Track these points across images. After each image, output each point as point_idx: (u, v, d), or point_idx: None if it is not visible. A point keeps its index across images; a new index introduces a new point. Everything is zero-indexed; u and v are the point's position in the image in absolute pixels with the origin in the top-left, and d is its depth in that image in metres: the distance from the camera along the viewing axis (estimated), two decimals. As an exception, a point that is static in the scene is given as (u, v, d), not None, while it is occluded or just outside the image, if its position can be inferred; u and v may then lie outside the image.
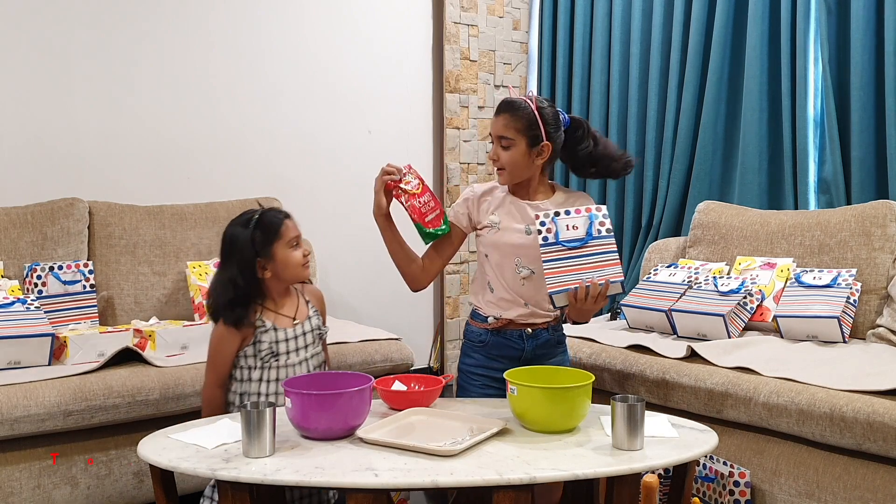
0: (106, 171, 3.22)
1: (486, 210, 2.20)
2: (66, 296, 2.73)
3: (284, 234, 2.06)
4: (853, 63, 3.12)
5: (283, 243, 2.05)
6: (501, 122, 2.13)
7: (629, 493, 1.70)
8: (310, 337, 2.13)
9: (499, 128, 2.14)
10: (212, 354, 2.08)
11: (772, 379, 2.29)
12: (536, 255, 2.05)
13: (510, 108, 2.13)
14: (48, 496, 2.28)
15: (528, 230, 2.15)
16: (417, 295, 4.06)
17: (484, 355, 2.20)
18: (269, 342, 2.05)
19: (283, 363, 2.07)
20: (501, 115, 2.14)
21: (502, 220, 2.17)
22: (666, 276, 2.98)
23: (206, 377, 2.10)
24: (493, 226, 2.18)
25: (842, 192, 3.19)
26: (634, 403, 1.68)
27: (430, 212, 2.16)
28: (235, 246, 2.05)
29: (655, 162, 3.86)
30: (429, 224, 2.16)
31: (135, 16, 3.26)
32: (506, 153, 2.13)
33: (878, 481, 2.06)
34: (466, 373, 2.23)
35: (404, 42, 3.99)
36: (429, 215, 2.16)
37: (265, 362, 2.06)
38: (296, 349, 2.09)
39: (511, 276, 2.15)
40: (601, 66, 4.06)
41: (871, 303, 2.68)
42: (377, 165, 1.90)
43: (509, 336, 2.18)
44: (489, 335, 2.20)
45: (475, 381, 2.20)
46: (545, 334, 2.20)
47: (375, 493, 1.55)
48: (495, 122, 2.16)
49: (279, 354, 2.06)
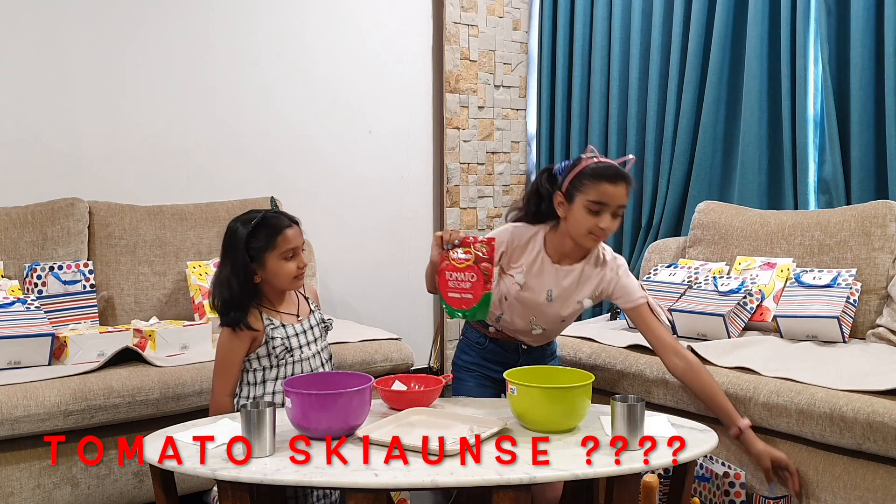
0: (106, 171, 3.22)
1: (519, 262, 2.15)
2: (66, 296, 2.73)
3: (280, 244, 2.00)
4: (853, 63, 3.12)
5: (276, 254, 2.00)
6: (623, 192, 2.02)
7: (629, 493, 1.70)
8: (318, 330, 2.14)
9: (621, 196, 2.02)
10: (220, 362, 2.04)
11: (771, 379, 2.29)
12: (553, 316, 2.14)
13: (628, 176, 2.03)
14: (48, 496, 2.28)
15: (550, 297, 2.14)
16: (417, 295, 4.07)
17: (479, 355, 2.27)
18: (282, 338, 2.03)
19: (298, 357, 2.06)
20: (622, 183, 2.01)
21: (528, 281, 2.14)
22: (666, 276, 2.99)
23: (214, 387, 2.05)
24: (516, 282, 2.15)
25: (842, 192, 3.19)
26: (634, 403, 1.68)
27: (458, 290, 1.97)
28: (232, 246, 2.02)
29: (655, 162, 3.86)
30: (450, 300, 1.98)
31: (135, 16, 3.26)
32: (617, 221, 2.06)
33: (878, 481, 2.06)
34: (461, 367, 2.29)
35: (404, 42, 3.99)
36: (453, 292, 1.97)
37: (280, 359, 2.04)
38: (307, 343, 2.09)
39: (522, 326, 2.21)
40: (601, 66, 4.06)
41: (871, 303, 2.68)
42: (377, 165, 1.91)
43: (506, 346, 2.25)
44: (487, 340, 2.25)
45: (471, 374, 2.27)
46: (539, 350, 2.28)
47: (375, 493, 1.55)
48: (615, 191, 2.01)
49: (293, 349, 2.06)
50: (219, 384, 2.04)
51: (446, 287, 1.97)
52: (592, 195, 2.02)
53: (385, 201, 3.96)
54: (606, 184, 2.01)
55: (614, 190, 2.02)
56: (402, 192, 4.02)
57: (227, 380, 2.03)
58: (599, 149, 4.05)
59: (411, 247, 4.01)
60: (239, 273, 1.99)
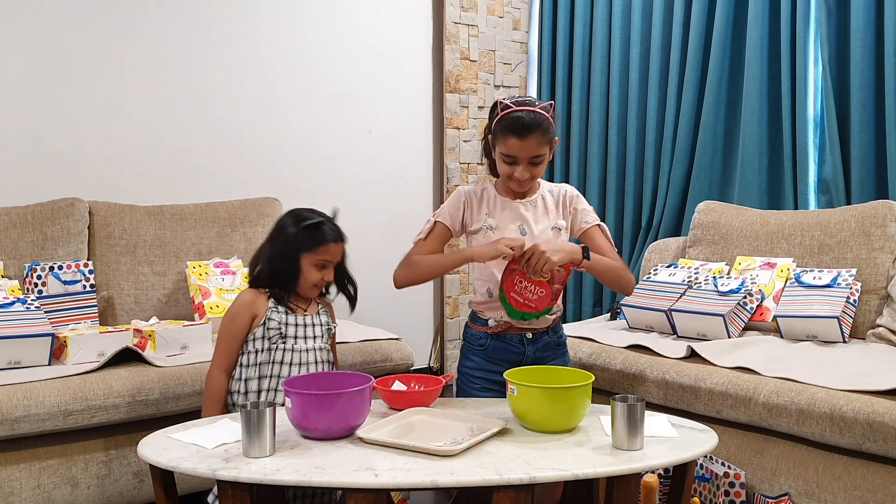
0: (106, 171, 3.22)
1: (481, 212, 2.19)
2: (66, 296, 2.73)
3: (320, 252, 2.09)
4: (853, 63, 3.12)
5: (311, 258, 2.10)
6: (535, 143, 2.04)
7: (629, 493, 1.70)
8: (318, 330, 2.16)
9: (532, 148, 2.04)
10: (222, 332, 2.12)
11: (771, 379, 2.29)
12: None
13: (538, 126, 2.03)
14: (48, 496, 2.28)
15: (523, 230, 2.15)
16: (417, 295, 4.07)
17: (484, 358, 2.19)
18: (279, 322, 2.09)
19: (289, 346, 2.09)
20: (532, 135, 2.03)
21: (499, 222, 2.16)
22: (666, 276, 2.99)
23: (213, 358, 2.13)
24: (488, 228, 2.16)
25: (842, 192, 3.19)
26: (634, 403, 1.68)
27: (521, 296, 2.05)
28: (282, 232, 2.13)
29: (655, 162, 3.86)
30: (511, 299, 2.06)
31: (135, 16, 3.26)
32: (538, 168, 2.09)
33: (878, 481, 2.06)
34: (467, 375, 2.22)
35: (404, 42, 3.99)
36: (516, 294, 2.05)
37: (272, 342, 2.08)
38: (304, 336, 2.12)
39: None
40: (601, 66, 4.06)
41: (871, 303, 2.68)
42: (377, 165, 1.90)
43: (510, 340, 2.17)
44: (489, 339, 2.18)
45: (475, 384, 2.20)
46: (546, 337, 2.19)
47: (375, 493, 1.55)
48: (524, 144, 2.03)
49: (287, 337, 2.09)
50: (217, 356, 2.13)
51: (511, 288, 2.05)
52: (503, 148, 2.08)
53: (385, 201, 3.96)
54: (514, 138, 2.04)
55: (522, 144, 2.04)
56: (402, 192, 4.02)
57: (225, 353, 2.11)
58: (599, 149, 4.06)
59: (411, 247, 4.00)
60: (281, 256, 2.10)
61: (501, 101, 2.11)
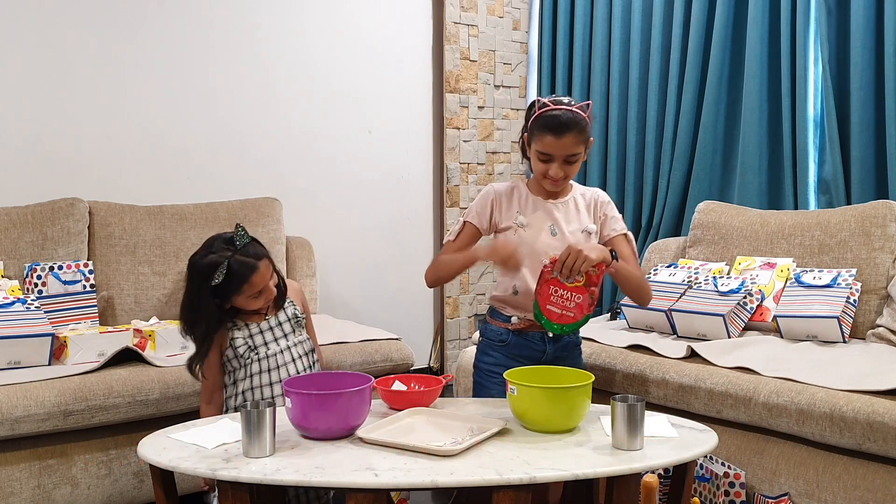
0: (106, 172, 3.22)
1: (511, 210, 2.18)
2: (66, 296, 2.73)
3: (246, 290, 2.03)
4: (853, 63, 3.12)
5: (243, 297, 2.04)
6: (571, 141, 2.04)
7: (629, 493, 1.70)
8: (288, 326, 2.15)
9: (568, 147, 2.05)
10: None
11: (771, 379, 2.29)
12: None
13: (575, 125, 2.04)
14: (48, 496, 2.28)
15: (554, 230, 2.15)
16: (417, 295, 4.07)
17: (504, 354, 2.19)
18: (243, 338, 2.08)
19: (263, 354, 2.09)
20: (568, 134, 2.03)
21: (530, 221, 2.16)
22: (666, 276, 2.99)
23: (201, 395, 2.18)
24: (518, 226, 2.16)
25: (842, 192, 3.19)
26: (634, 403, 1.68)
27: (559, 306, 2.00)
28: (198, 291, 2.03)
29: (655, 162, 3.86)
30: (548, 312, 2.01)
31: (135, 16, 3.26)
32: (572, 167, 2.09)
33: (878, 481, 2.06)
34: (485, 371, 2.22)
35: (404, 42, 3.99)
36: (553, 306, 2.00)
37: (246, 359, 2.08)
38: (274, 339, 2.11)
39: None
40: (601, 67, 4.06)
41: (871, 303, 2.68)
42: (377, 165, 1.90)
43: (531, 337, 2.18)
44: (511, 335, 2.18)
45: (494, 379, 2.18)
46: (567, 337, 2.20)
47: (375, 493, 1.55)
48: (560, 142, 2.04)
49: (257, 347, 2.09)
50: (202, 394, 2.17)
51: (547, 300, 2.00)
52: (539, 146, 2.08)
53: (385, 201, 3.96)
54: (550, 136, 2.05)
55: (559, 142, 2.05)
56: (402, 192, 4.02)
57: (208, 391, 2.14)
58: (599, 149, 4.06)
59: (411, 247, 4.00)
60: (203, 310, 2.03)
61: (539, 100, 2.13)
